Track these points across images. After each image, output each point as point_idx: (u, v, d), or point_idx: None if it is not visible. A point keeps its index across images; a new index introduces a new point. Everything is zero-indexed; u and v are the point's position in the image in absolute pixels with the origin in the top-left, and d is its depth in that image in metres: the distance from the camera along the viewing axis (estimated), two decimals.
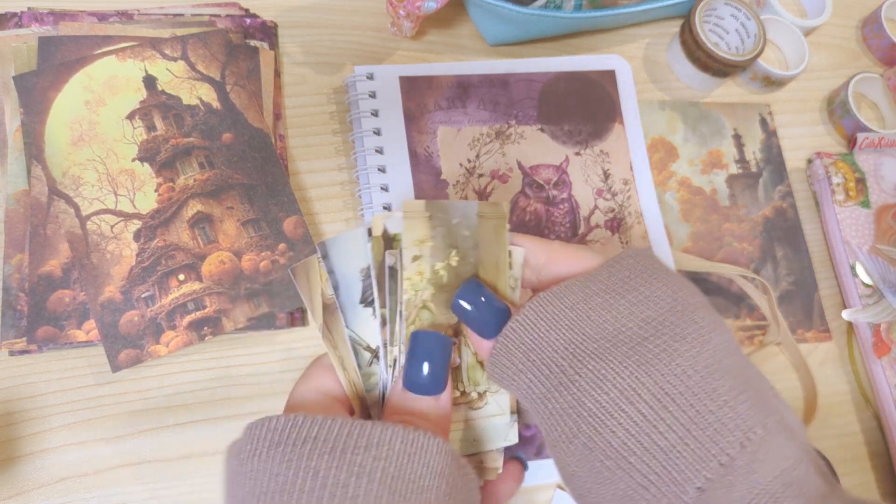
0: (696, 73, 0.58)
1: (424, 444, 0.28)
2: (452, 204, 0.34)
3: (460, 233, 0.34)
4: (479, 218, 0.35)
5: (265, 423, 0.28)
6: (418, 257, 0.33)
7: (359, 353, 0.33)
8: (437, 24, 0.57)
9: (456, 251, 0.34)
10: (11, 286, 0.44)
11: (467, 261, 0.34)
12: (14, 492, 0.41)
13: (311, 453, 0.26)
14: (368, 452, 0.27)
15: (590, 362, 0.29)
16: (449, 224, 0.34)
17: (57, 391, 0.43)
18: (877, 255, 0.55)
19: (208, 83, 0.49)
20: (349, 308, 0.33)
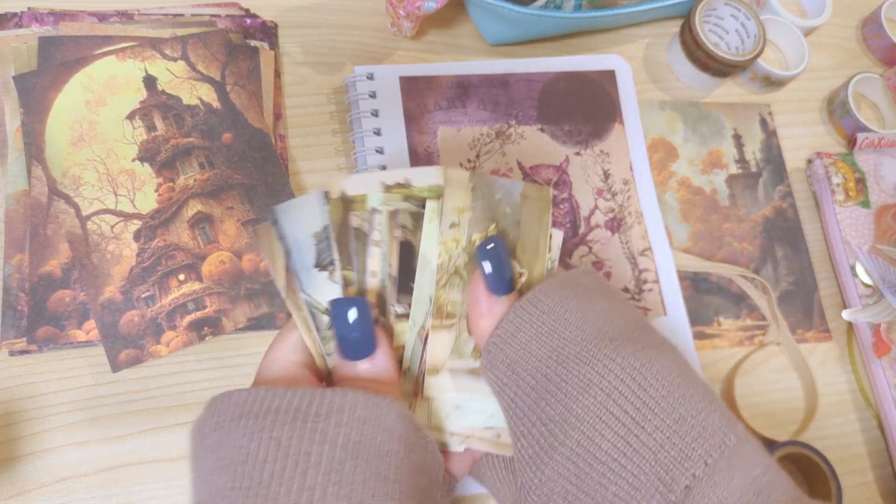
0: (696, 73, 0.58)
1: (384, 408, 0.28)
2: (497, 179, 0.35)
3: (501, 209, 0.35)
4: (522, 198, 0.35)
5: (227, 396, 0.28)
6: (456, 225, 0.33)
7: (316, 317, 0.32)
8: (437, 24, 0.57)
9: (495, 225, 0.34)
10: (11, 286, 0.44)
11: (506, 236, 0.35)
12: (14, 492, 0.41)
13: (273, 424, 0.27)
14: (329, 420, 0.27)
15: (574, 367, 0.30)
16: (491, 198, 0.34)
17: (57, 391, 0.43)
18: (877, 255, 0.55)
19: (208, 83, 0.49)
20: (303, 272, 0.32)
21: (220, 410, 0.28)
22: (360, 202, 0.32)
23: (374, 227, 0.32)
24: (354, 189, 0.32)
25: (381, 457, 0.27)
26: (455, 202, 0.33)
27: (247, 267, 0.46)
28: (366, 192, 0.32)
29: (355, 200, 0.32)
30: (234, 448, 0.27)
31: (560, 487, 0.30)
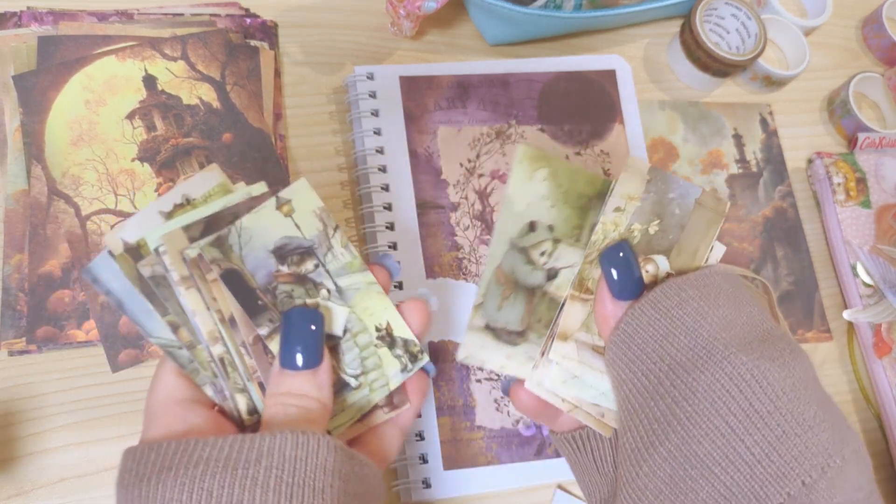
0: (696, 73, 0.58)
1: (314, 444, 0.28)
2: (676, 179, 0.35)
3: (671, 208, 0.35)
4: (696, 204, 0.35)
5: (152, 448, 0.27)
6: (620, 210, 0.34)
7: (175, 356, 0.31)
8: (437, 24, 0.57)
9: (659, 221, 0.35)
10: (11, 286, 0.44)
11: (666, 236, 0.35)
12: (14, 492, 0.41)
13: (204, 475, 0.26)
14: (260, 464, 0.27)
15: (682, 373, 0.30)
16: (664, 195, 0.35)
17: (57, 391, 0.43)
18: (877, 254, 0.55)
19: (208, 83, 0.49)
20: (145, 318, 0.30)
21: (144, 461, 0.27)
22: (145, 246, 0.30)
23: (168, 268, 0.29)
24: (132, 235, 0.30)
25: (317, 493, 0.27)
26: (626, 188, 0.34)
27: None
28: (145, 234, 0.30)
29: (140, 246, 0.30)
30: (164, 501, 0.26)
31: (654, 486, 0.30)
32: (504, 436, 0.46)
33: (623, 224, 0.34)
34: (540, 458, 0.46)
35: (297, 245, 0.33)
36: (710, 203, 0.36)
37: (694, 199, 0.35)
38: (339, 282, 0.34)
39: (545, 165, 0.34)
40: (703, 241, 0.35)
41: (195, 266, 0.29)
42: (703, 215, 0.36)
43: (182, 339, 0.30)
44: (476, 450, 0.45)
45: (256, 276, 0.31)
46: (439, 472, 0.44)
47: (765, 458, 0.28)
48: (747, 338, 0.31)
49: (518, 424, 0.46)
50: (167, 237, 0.29)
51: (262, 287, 0.32)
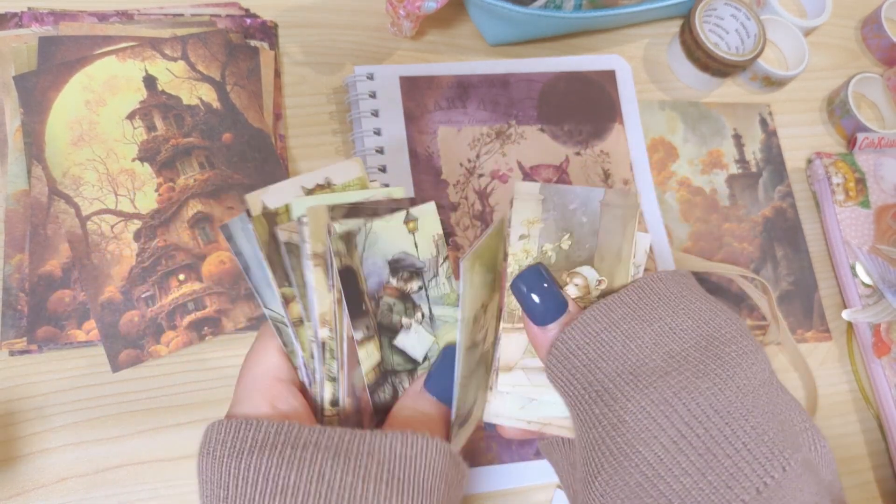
0: (696, 73, 0.58)
1: (424, 445, 0.28)
2: (572, 189, 0.34)
3: (577, 218, 0.34)
4: (602, 206, 0.34)
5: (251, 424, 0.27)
6: (525, 236, 0.34)
7: (282, 332, 0.31)
8: (437, 24, 0.57)
9: (569, 235, 0.34)
10: (11, 286, 0.44)
11: (582, 245, 0.34)
12: (14, 492, 0.41)
13: (315, 457, 0.26)
14: (372, 458, 0.27)
15: (611, 403, 0.29)
16: (565, 208, 0.34)
17: (57, 391, 0.43)
18: (877, 255, 0.55)
19: (208, 83, 0.49)
20: (264, 288, 0.31)
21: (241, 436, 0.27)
22: (284, 214, 0.31)
23: (305, 239, 0.30)
24: (274, 201, 0.31)
25: (426, 493, 0.27)
26: (524, 214, 0.34)
27: None
28: (287, 202, 0.31)
29: (279, 213, 0.31)
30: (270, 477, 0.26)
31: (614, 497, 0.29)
32: None
33: (534, 248, 0.34)
34: (540, 458, 0.46)
35: (410, 263, 0.34)
36: (616, 200, 0.35)
37: (598, 202, 0.35)
38: (434, 310, 0.35)
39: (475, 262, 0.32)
40: (623, 238, 0.34)
41: (336, 238, 0.30)
42: (614, 213, 0.35)
43: (292, 314, 0.31)
44: (476, 450, 0.45)
45: (368, 281, 0.32)
46: None
47: (694, 488, 0.27)
48: (685, 349, 0.30)
49: None
50: (311, 210, 0.30)
51: (369, 293, 0.32)
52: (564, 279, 0.34)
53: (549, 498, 0.46)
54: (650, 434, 0.28)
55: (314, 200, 0.31)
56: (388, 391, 0.33)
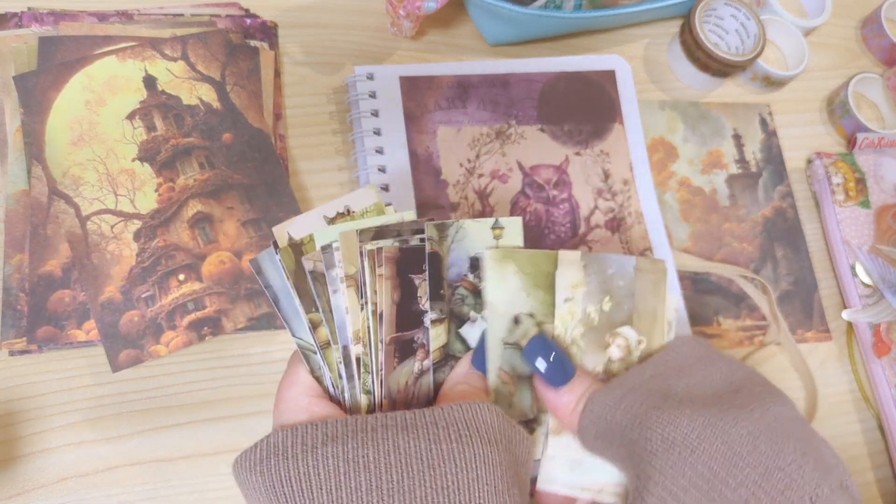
0: (696, 73, 0.58)
1: (479, 409, 0.30)
2: (609, 256, 0.37)
3: (615, 282, 0.37)
4: (636, 271, 0.38)
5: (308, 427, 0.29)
6: (570, 299, 0.36)
7: (309, 358, 0.33)
8: (437, 24, 0.57)
9: (609, 297, 0.37)
10: (11, 286, 0.44)
11: (621, 307, 0.37)
12: (14, 492, 0.41)
13: (385, 434, 0.28)
14: (437, 425, 0.29)
15: (658, 427, 0.31)
16: (604, 273, 0.37)
17: (57, 391, 0.43)
18: (876, 255, 0.55)
19: (208, 83, 0.49)
20: (293, 317, 0.33)
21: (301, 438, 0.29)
22: (309, 243, 0.33)
23: (331, 265, 0.33)
24: (298, 232, 0.33)
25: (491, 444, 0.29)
26: (569, 279, 0.37)
27: (247, 267, 0.46)
28: (311, 232, 0.33)
29: (304, 242, 0.33)
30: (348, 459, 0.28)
31: None
32: None
33: (578, 311, 0.36)
34: None
35: None
36: (647, 266, 0.38)
37: (632, 268, 0.38)
38: None
39: (511, 260, 0.36)
40: (656, 300, 0.38)
41: (371, 258, 0.32)
42: (647, 278, 0.38)
43: (319, 338, 0.33)
44: None
45: (450, 270, 0.36)
46: None
47: (752, 498, 0.29)
48: (718, 392, 0.32)
49: None
50: (344, 235, 0.32)
51: (448, 280, 0.36)
52: (607, 340, 0.37)
53: None
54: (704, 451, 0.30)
55: (338, 229, 0.33)
56: (446, 372, 0.36)
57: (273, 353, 0.46)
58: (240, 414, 0.45)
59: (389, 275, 0.33)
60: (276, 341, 0.47)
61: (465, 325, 0.37)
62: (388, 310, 0.33)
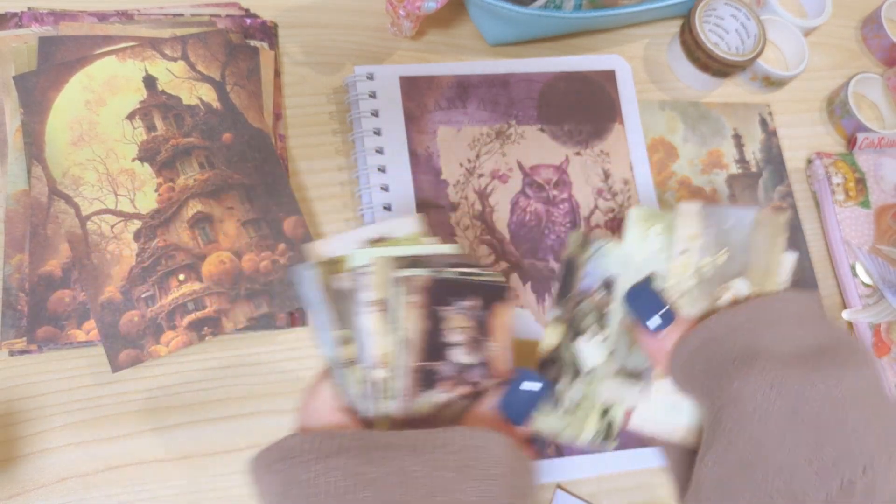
0: (696, 73, 0.58)
1: (486, 438, 0.31)
2: (729, 209, 0.38)
3: (732, 236, 0.37)
4: (755, 223, 0.38)
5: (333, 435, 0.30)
6: (686, 251, 0.37)
7: (335, 373, 0.34)
8: (437, 24, 0.57)
9: (725, 250, 0.37)
10: (11, 286, 0.44)
11: (735, 261, 0.37)
12: (14, 492, 0.41)
13: (394, 454, 0.29)
14: (445, 448, 0.30)
15: (728, 385, 0.32)
16: (722, 226, 0.37)
17: (57, 391, 0.43)
18: (876, 255, 0.55)
19: (208, 83, 0.49)
20: (323, 330, 0.34)
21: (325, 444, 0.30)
22: (341, 263, 0.34)
23: (362, 287, 0.33)
24: (331, 251, 0.34)
25: (489, 478, 0.30)
26: (686, 230, 0.37)
27: (247, 267, 0.46)
28: (345, 253, 0.34)
29: (337, 262, 0.34)
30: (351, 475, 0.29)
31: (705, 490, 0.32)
32: None
33: (693, 263, 0.37)
34: (540, 458, 0.46)
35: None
36: (766, 220, 0.38)
37: (750, 221, 0.38)
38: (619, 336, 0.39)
39: (658, 222, 0.38)
40: (772, 254, 0.37)
41: (403, 284, 0.33)
42: (765, 231, 0.38)
43: (347, 354, 0.33)
44: None
45: (582, 281, 0.39)
46: None
47: (804, 461, 0.29)
48: (803, 351, 0.32)
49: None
50: (380, 261, 0.33)
51: (577, 289, 0.39)
52: (718, 293, 0.36)
53: (549, 498, 0.46)
54: (765, 411, 0.30)
55: (374, 252, 0.34)
56: (551, 375, 0.39)
57: (273, 353, 0.46)
58: (239, 414, 0.45)
59: (420, 303, 0.33)
60: (276, 341, 0.47)
61: (581, 338, 0.39)
62: (416, 337, 0.33)
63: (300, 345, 0.47)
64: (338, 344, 0.33)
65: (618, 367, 0.39)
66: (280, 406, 0.45)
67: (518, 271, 0.50)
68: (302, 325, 0.47)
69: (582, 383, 0.39)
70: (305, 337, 0.47)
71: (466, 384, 0.34)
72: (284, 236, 0.47)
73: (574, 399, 0.39)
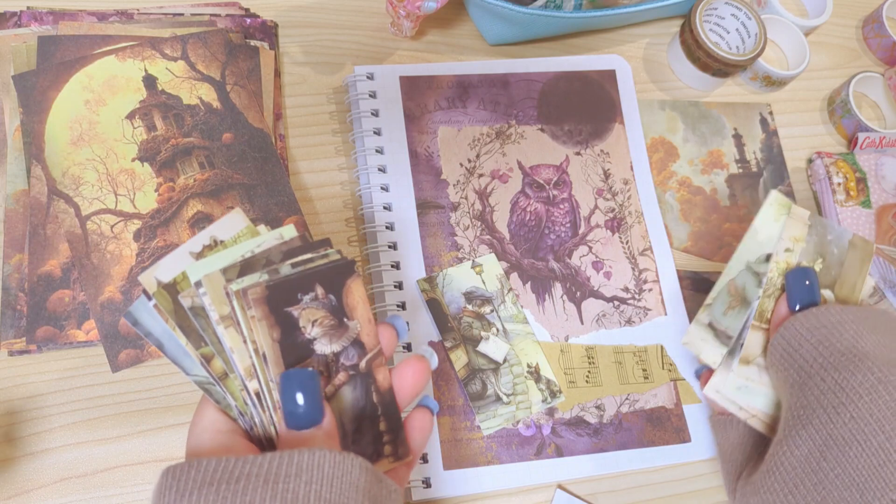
0: (697, 72, 0.58)
1: (349, 465, 0.29)
2: (832, 224, 0.42)
3: (830, 248, 0.42)
4: (850, 245, 0.42)
5: (193, 465, 0.28)
6: (790, 250, 0.41)
7: (211, 392, 0.32)
8: (437, 24, 0.57)
9: (822, 260, 0.41)
10: (11, 286, 0.44)
11: (829, 272, 0.41)
12: (14, 492, 0.41)
13: (246, 489, 0.27)
14: (300, 478, 0.28)
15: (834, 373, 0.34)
16: (823, 237, 0.42)
17: (57, 391, 0.43)
18: (878, 255, 0.55)
19: (208, 83, 0.49)
20: (182, 358, 0.32)
21: (185, 478, 0.28)
22: (184, 281, 0.32)
23: (206, 305, 0.31)
24: (167, 275, 0.32)
25: None
26: (793, 231, 0.41)
27: None
28: (186, 268, 0.32)
29: (178, 281, 0.32)
30: None
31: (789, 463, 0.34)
32: (504, 436, 0.46)
33: (793, 262, 0.41)
34: (539, 458, 0.46)
35: (481, 294, 0.48)
36: (860, 244, 0.42)
37: (848, 241, 0.42)
38: (507, 325, 0.47)
39: (791, 209, 0.42)
40: (858, 276, 0.41)
41: (238, 299, 0.31)
42: (856, 254, 0.42)
43: (215, 370, 0.32)
44: (476, 450, 0.45)
45: (450, 307, 0.47)
46: (439, 472, 0.44)
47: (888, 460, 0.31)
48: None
49: (518, 424, 0.46)
50: (207, 279, 0.30)
51: (452, 315, 0.47)
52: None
53: (549, 498, 0.46)
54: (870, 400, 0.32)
55: (207, 263, 0.32)
56: (478, 384, 0.46)
57: None
58: None
59: (262, 315, 0.31)
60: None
61: (481, 343, 0.47)
62: (269, 350, 0.31)
63: None
64: (204, 363, 0.31)
65: (709, 321, 0.43)
66: None
67: (518, 271, 0.50)
68: None
69: (505, 373, 0.46)
70: None
71: (343, 371, 0.33)
72: None
73: (508, 386, 0.46)
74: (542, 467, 0.46)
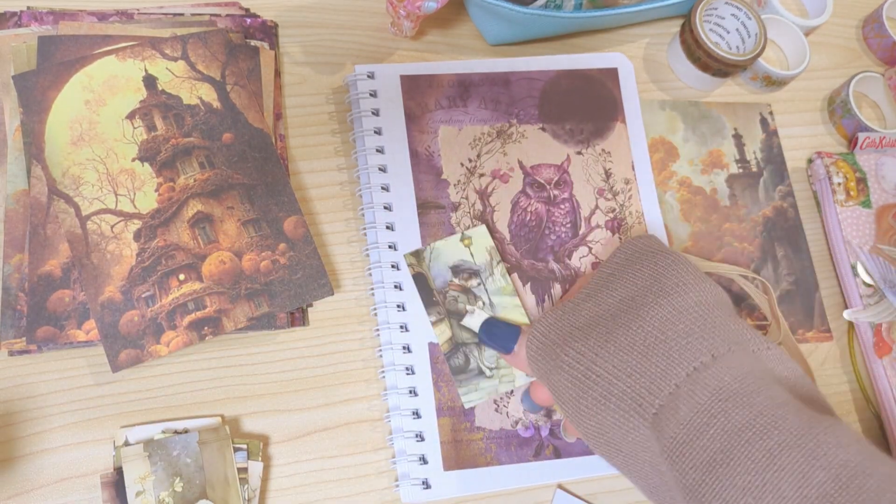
0: (697, 72, 0.58)
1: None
2: (172, 439, 0.41)
3: (182, 461, 0.41)
4: (200, 445, 0.41)
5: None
6: (141, 492, 0.40)
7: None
8: (437, 24, 0.57)
9: (179, 478, 0.41)
10: (11, 286, 0.44)
11: (193, 483, 0.41)
12: (14, 492, 0.41)
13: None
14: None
15: (555, 358, 0.39)
16: (169, 457, 0.41)
17: (57, 391, 0.43)
18: (878, 254, 0.55)
19: (208, 83, 0.49)
20: None
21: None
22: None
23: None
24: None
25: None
26: (135, 473, 0.40)
27: (247, 267, 0.46)
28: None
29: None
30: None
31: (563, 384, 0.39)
32: (503, 437, 0.46)
33: (152, 501, 0.40)
34: (538, 459, 0.46)
35: (468, 267, 0.48)
36: (209, 437, 0.42)
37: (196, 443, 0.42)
38: (493, 299, 0.48)
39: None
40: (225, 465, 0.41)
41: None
42: (211, 448, 0.42)
43: None
44: (476, 450, 0.45)
45: (436, 281, 0.47)
46: (439, 473, 0.44)
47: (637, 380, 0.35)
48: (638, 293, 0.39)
49: (517, 426, 0.46)
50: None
51: (437, 289, 0.47)
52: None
53: (549, 498, 0.46)
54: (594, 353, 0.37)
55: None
56: (460, 358, 0.47)
57: (273, 353, 0.46)
58: (240, 414, 0.45)
59: None
60: (276, 341, 0.47)
61: (466, 317, 0.46)
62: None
63: (300, 345, 0.47)
64: None
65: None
66: (281, 406, 0.45)
67: (518, 272, 0.50)
68: (302, 324, 0.47)
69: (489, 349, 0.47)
70: (305, 337, 0.47)
71: None
72: (285, 236, 0.47)
73: (491, 360, 0.47)
74: (541, 468, 0.46)
